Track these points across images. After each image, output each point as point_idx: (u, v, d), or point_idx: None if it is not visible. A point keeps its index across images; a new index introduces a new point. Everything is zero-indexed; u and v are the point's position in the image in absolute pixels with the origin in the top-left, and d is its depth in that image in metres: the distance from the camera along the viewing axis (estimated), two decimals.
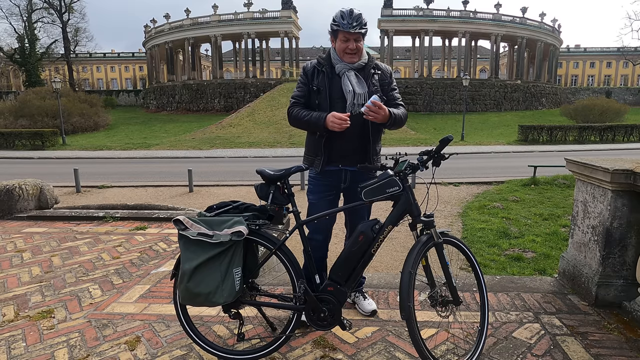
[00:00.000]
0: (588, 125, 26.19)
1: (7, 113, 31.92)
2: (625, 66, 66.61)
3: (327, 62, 2.52)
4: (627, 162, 2.71)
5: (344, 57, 2.47)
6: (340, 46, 2.45)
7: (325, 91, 2.47)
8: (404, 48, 71.88)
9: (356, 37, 2.40)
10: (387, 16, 44.61)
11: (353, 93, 2.43)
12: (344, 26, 2.36)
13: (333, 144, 2.50)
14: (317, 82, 2.50)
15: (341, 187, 2.60)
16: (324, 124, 2.36)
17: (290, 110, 2.54)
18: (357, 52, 2.46)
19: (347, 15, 2.35)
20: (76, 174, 11.09)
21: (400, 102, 2.61)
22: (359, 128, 2.45)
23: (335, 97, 2.47)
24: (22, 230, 4.73)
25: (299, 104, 2.54)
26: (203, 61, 60.82)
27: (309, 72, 2.54)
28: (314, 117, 2.42)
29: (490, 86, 42.68)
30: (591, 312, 2.71)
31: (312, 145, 2.59)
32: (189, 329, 2.29)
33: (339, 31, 2.40)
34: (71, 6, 50.78)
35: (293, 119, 2.53)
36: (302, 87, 2.56)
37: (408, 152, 2.24)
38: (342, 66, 2.48)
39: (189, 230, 2.06)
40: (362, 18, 2.38)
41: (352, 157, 2.52)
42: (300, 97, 2.55)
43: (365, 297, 2.78)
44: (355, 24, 2.35)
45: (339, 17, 2.37)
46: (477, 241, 6.13)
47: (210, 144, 24.38)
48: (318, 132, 2.47)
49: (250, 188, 9.74)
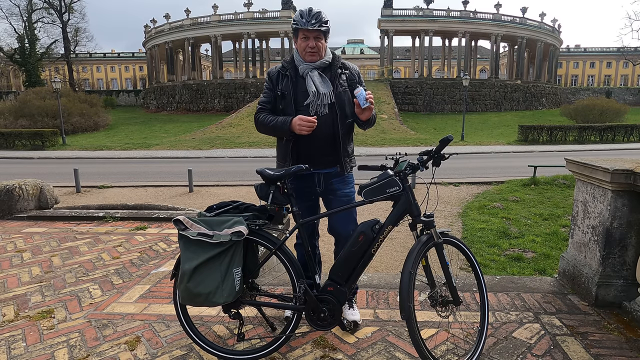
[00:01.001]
0: (588, 125, 26.18)
1: (7, 113, 31.91)
2: (625, 66, 66.61)
3: (291, 65, 2.48)
4: (627, 162, 2.71)
5: (305, 57, 2.43)
6: (300, 45, 2.42)
7: (290, 95, 2.43)
8: (404, 48, 71.90)
9: (316, 35, 2.37)
10: (387, 16, 44.61)
11: (317, 93, 2.39)
12: (303, 24, 2.34)
13: (301, 147, 2.44)
14: (281, 86, 2.46)
15: (317, 191, 2.55)
16: (290, 128, 2.33)
17: (257, 117, 2.51)
18: (318, 51, 2.41)
19: (305, 13, 2.35)
20: (76, 174, 11.08)
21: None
22: (327, 129, 2.42)
23: (301, 101, 2.42)
24: (22, 230, 4.73)
25: (265, 110, 2.51)
26: (203, 61, 60.83)
27: (274, 77, 2.51)
28: (280, 121, 2.39)
29: (490, 86, 42.67)
30: (591, 312, 2.71)
31: (280, 151, 2.55)
32: (189, 329, 2.29)
33: (299, 29, 2.38)
34: (71, 6, 50.79)
35: (260, 124, 2.50)
36: (267, 92, 2.52)
37: (408, 152, 2.24)
38: (304, 67, 2.44)
39: (189, 230, 2.06)
40: (322, 16, 2.35)
41: (322, 159, 2.47)
42: (266, 102, 2.51)
43: (352, 305, 2.63)
44: (313, 22, 2.33)
45: (298, 16, 2.36)
46: (477, 241, 6.13)
47: (210, 144, 24.37)
48: (285, 136, 2.42)
49: (250, 188, 9.74)
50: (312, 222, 2.60)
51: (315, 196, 2.59)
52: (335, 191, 2.55)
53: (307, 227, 2.54)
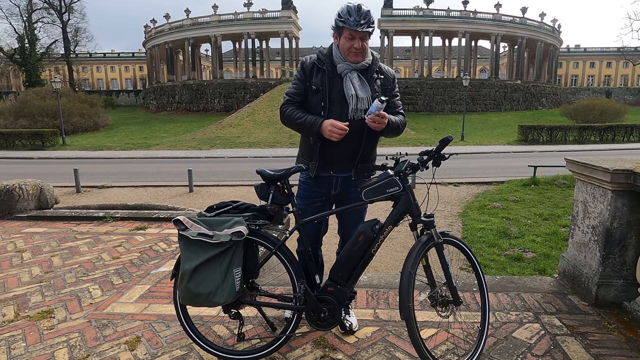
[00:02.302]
0: (588, 125, 26.18)
1: (7, 113, 31.92)
2: (625, 66, 66.62)
3: (328, 60, 2.32)
4: (627, 162, 2.71)
5: (347, 57, 2.28)
6: (344, 44, 2.25)
7: (325, 91, 2.29)
8: (404, 48, 71.90)
9: (362, 36, 2.21)
10: (387, 16, 44.63)
11: (356, 97, 2.26)
12: (351, 23, 2.16)
13: (328, 150, 2.34)
14: (315, 80, 2.31)
15: (332, 193, 2.48)
16: (319, 130, 2.23)
17: (284, 109, 2.37)
18: (363, 52, 2.27)
19: (354, 11, 2.16)
20: (76, 174, 11.08)
21: (400, 110, 2.47)
22: (356, 135, 2.30)
23: (334, 100, 2.30)
24: (22, 230, 4.73)
25: (294, 103, 2.37)
26: (203, 61, 60.83)
27: (308, 69, 2.35)
28: (309, 120, 2.26)
29: (490, 86, 42.68)
30: (591, 312, 2.71)
31: (307, 149, 2.44)
32: (189, 329, 2.29)
33: (345, 28, 2.19)
34: (71, 6, 50.83)
35: (286, 119, 2.37)
36: (298, 84, 2.37)
37: (408, 152, 2.23)
38: (344, 66, 2.28)
39: (189, 230, 2.06)
40: (371, 15, 2.18)
41: (345, 164, 2.39)
42: (296, 95, 2.37)
43: (347, 312, 2.57)
44: (362, 22, 2.16)
45: (346, 12, 2.17)
46: (477, 241, 6.13)
47: (210, 144, 24.37)
48: (311, 137, 2.32)
49: (250, 188, 9.74)
50: (317, 231, 2.56)
51: (326, 197, 2.50)
52: (352, 200, 2.42)
53: (311, 235, 2.49)
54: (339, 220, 2.63)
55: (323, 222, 2.58)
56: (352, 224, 2.54)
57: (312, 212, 2.42)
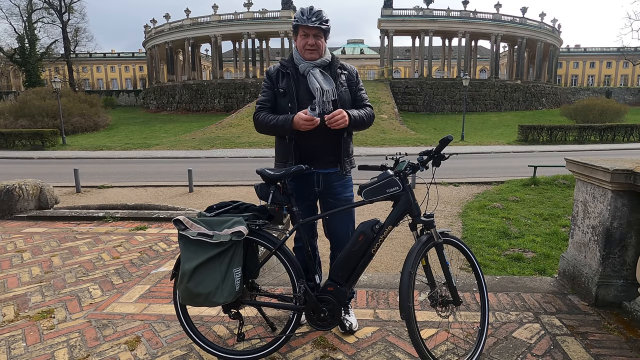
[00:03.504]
0: (588, 125, 26.18)
1: (7, 113, 31.91)
2: (625, 66, 66.62)
3: (291, 64, 2.47)
4: (627, 162, 2.71)
5: (304, 54, 2.42)
6: (300, 42, 2.42)
7: (292, 93, 2.41)
8: (404, 48, 71.88)
9: (315, 33, 2.37)
10: (387, 16, 44.61)
11: (321, 90, 2.36)
12: (303, 21, 2.34)
13: (302, 146, 2.42)
14: (282, 84, 2.44)
15: (316, 191, 2.51)
16: (291, 126, 2.30)
17: (256, 116, 2.47)
18: (317, 49, 2.40)
19: (306, 11, 2.35)
20: (76, 174, 11.08)
21: (367, 103, 2.57)
22: (327, 129, 2.34)
23: (302, 99, 2.40)
24: (22, 230, 4.73)
25: (265, 109, 2.47)
26: (203, 61, 60.83)
27: (273, 75, 2.49)
28: (280, 119, 2.36)
29: (490, 86, 42.68)
30: (591, 312, 2.71)
31: (281, 150, 2.51)
32: (189, 329, 2.29)
33: (299, 26, 2.38)
34: (71, 6, 50.80)
35: (259, 124, 2.46)
36: (267, 91, 2.49)
37: (408, 152, 2.23)
38: (305, 65, 2.42)
39: (189, 230, 2.06)
40: (323, 14, 2.35)
41: (323, 159, 2.45)
42: (266, 101, 2.48)
43: (347, 311, 2.59)
44: (314, 19, 2.33)
45: (299, 13, 2.37)
46: (477, 241, 6.13)
47: (210, 144, 24.37)
48: (286, 135, 2.40)
49: (250, 188, 9.74)
50: (311, 223, 2.59)
51: (314, 196, 2.56)
52: (336, 195, 2.52)
53: (306, 228, 2.51)
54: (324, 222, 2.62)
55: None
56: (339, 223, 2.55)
57: (304, 212, 2.46)
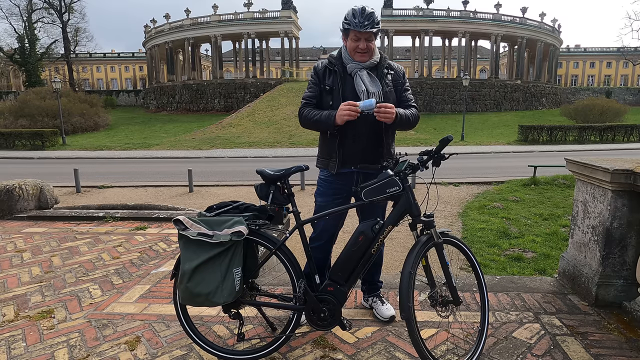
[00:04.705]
0: (588, 125, 26.19)
1: (7, 113, 31.90)
2: (625, 66, 66.60)
3: (339, 62, 2.47)
4: (627, 162, 2.71)
5: (354, 57, 2.42)
6: (350, 45, 2.40)
7: (338, 90, 2.42)
8: (404, 48, 71.83)
9: (367, 37, 2.34)
10: (387, 16, 44.62)
11: (367, 92, 2.38)
12: (355, 25, 2.29)
13: (346, 145, 2.45)
14: (329, 81, 2.46)
15: (352, 189, 2.53)
16: (334, 121, 2.31)
17: (301, 111, 2.49)
18: (368, 52, 2.40)
19: (358, 13, 2.29)
20: (76, 174, 11.08)
21: (413, 104, 2.58)
22: (371, 128, 2.41)
23: (347, 98, 2.39)
24: (22, 230, 4.73)
25: (310, 105, 2.49)
26: (203, 61, 60.81)
27: (320, 72, 2.50)
28: (324, 115, 2.38)
29: (490, 86, 42.67)
30: (591, 312, 2.71)
31: (325, 147, 2.54)
32: (189, 329, 2.29)
33: (350, 30, 2.34)
34: (71, 6, 50.83)
35: (303, 119, 2.48)
36: (313, 87, 2.51)
37: (408, 152, 2.24)
38: (353, 65, 2.42)
39: (189, 230, 2.06)
40: (374, 16, 2.31)
41: (365, 159, 2.45)
42: (312, 97, 2.50)
43: (383, 301, 2.71)
44: (366, 23, 2.29)
45: (350, 15, 2.31)
46: (477, 241, 6.13)
47: (210, 144, 24.37)
48: (329, 130, 2.42)
49: (250, 188, 9.73)
50: (335, 227, 2.58)
51: (347, 194, 2.56)
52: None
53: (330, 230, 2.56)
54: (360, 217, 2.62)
55: (343, 217, 2.62)
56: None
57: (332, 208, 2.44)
